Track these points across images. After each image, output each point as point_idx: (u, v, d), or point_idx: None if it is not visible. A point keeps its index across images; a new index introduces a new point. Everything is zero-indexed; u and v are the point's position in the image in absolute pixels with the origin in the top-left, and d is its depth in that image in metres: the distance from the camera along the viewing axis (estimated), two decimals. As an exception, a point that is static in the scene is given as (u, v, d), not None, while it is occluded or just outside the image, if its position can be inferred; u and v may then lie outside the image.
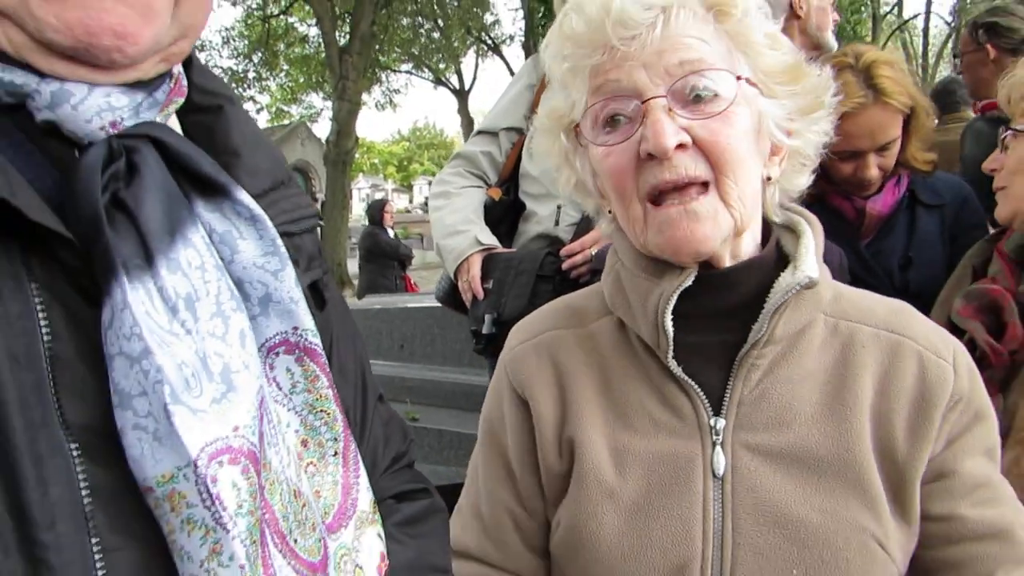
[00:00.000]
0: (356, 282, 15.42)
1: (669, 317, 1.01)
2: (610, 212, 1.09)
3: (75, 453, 0.61)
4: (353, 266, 17.76)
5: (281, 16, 24.92)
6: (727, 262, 1.03)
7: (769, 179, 1.06)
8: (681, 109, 0.95)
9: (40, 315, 0.62)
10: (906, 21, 30.42)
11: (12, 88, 0.65)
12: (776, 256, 1.06)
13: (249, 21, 25.40)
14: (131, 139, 0.69)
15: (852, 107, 1.98)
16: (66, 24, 0.63)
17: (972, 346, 1.60)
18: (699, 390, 1.04)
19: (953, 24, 28.32)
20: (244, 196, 0.75)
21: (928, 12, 29.72)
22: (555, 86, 1.09)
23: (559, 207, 2.36)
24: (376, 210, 10.85)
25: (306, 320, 0.78)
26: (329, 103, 23.08)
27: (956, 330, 1.66)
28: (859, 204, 2.15)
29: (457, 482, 1.29)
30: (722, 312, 1.04)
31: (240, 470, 0.66)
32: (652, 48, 0.95)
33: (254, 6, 24.79)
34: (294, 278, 0.77)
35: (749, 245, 1.05)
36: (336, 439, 0.80)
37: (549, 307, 1.23)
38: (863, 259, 2.12)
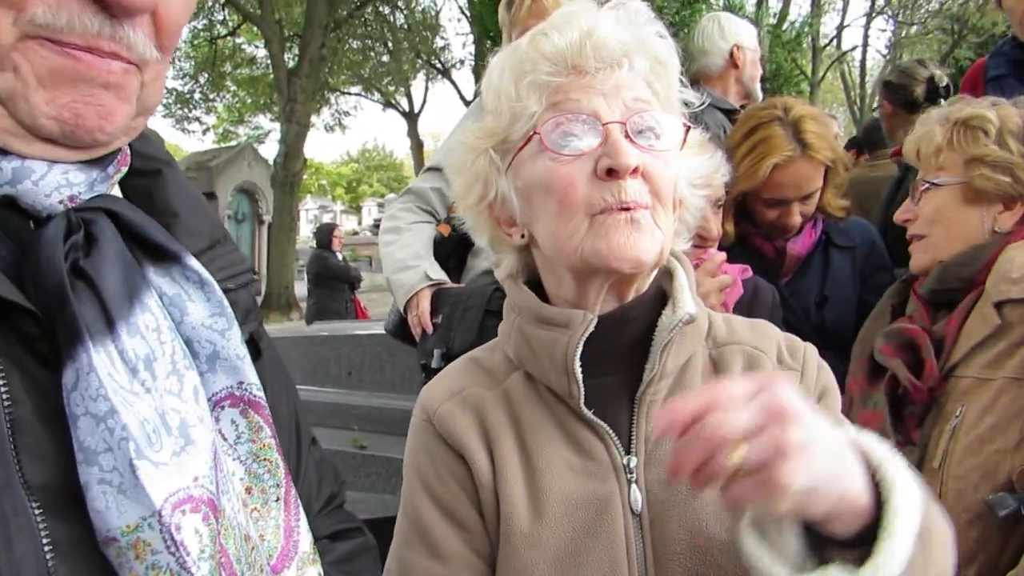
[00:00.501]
0: (303, 305, 15.24)
1: (578, 364, 1.07)
2: (523, 237, 1.13)
3: (37, 511, 0.65)
4: (300, 288, 17.56)
5: (228, 37, 24.74)
6: (630, 296, 1.11)
7: None
8: (633, 139, 1.04)
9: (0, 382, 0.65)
10: (844, 53, 31.46)
11: None
12: (656, 294, 1.14)
13: (196, 42, 25.12)
14: (88, 211, 0.74)
15: (781, 160, 2.11)
16: (57, 108, 0.68)
17: (895, 383, 1.71)
18: (610, 431, 1.09)
19: (888, 56, 29.41)
20: (193, 261, 0.81)
21: (865, 45, 30.86)
22: (498, 102, 1.12)
23: (507, 243, 2.43)
24: (324, 234, 10.80)
25: (250, 375, 0.83)
26: (277, 124, 22.97)
27: (879, 367, 1.77)
28: (779, 245, 2.29)
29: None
30: (619, 352, 1.11)
31: (201, 518, 0.70)
32: (613, 83, 1.05)
33: (200, 27, 24.56)
34: (239, 336, 0.83)
35: (644, 284, 1.13)
36: (278, 485, 0.85)
37: (460, 366, 1.24)
38: (783, 297, 2.25)
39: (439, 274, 2.44)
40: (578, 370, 1.07)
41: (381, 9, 24.35)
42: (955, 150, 1.74)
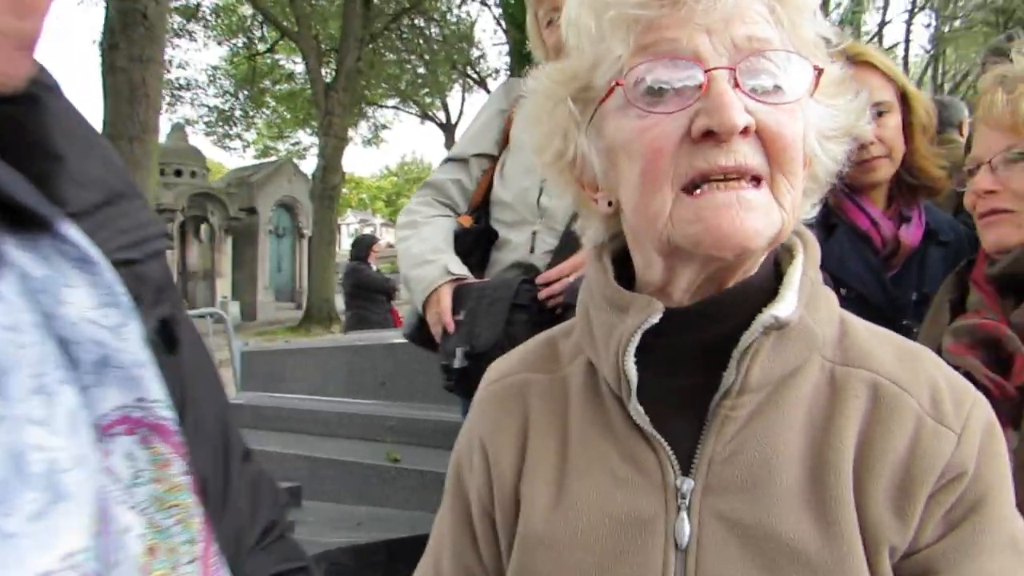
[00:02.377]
0: (344, 317, 15.24)
1: (631, 359, 0.86)
2: (610, 205, 0.92)
3: None
4: (341, 302, 17.60)
5: (267, 54, 25.01)
6: (732, 282, 0.88)
7: None
8: (745, 89, 0.80)
9: None
10: (887, 50, 30.70)
11: None
12: (765, 281, 0.89)
13: (235, 60, 25.47)
14: None
15: None
16: None
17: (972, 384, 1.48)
18: (665, 444, 0.87)
19: (932, 52, 28.68)
20: (71, 231, 0.58)
21: (908, 41, 30.04)
22: (578, 39, 0.90)
23: (534, 233, 2.21)
24: (363, 246, 10.68)
25: (154, 388, 0.60)
26: (316, 139, 23.13)
27: None
28: (886, 231, 2.01)
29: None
30: (700, 351, 0.88)
31: None
32: (719, 15, 0.80)
33: (240, 45, 24.89)
34: (139, 335, 0.60)
35: (754, 266, 0.90)
36: (192, 541, 0.61)
37: (529, 345, 1.08)
38: (889, 293, 1.96)
39: (460, 268, 2.24)
40: (630, 367, 0.86)
41: (416, 22, 24.41)
42: None
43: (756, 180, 0.80)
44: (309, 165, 23.81)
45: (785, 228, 0.83)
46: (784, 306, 0.84)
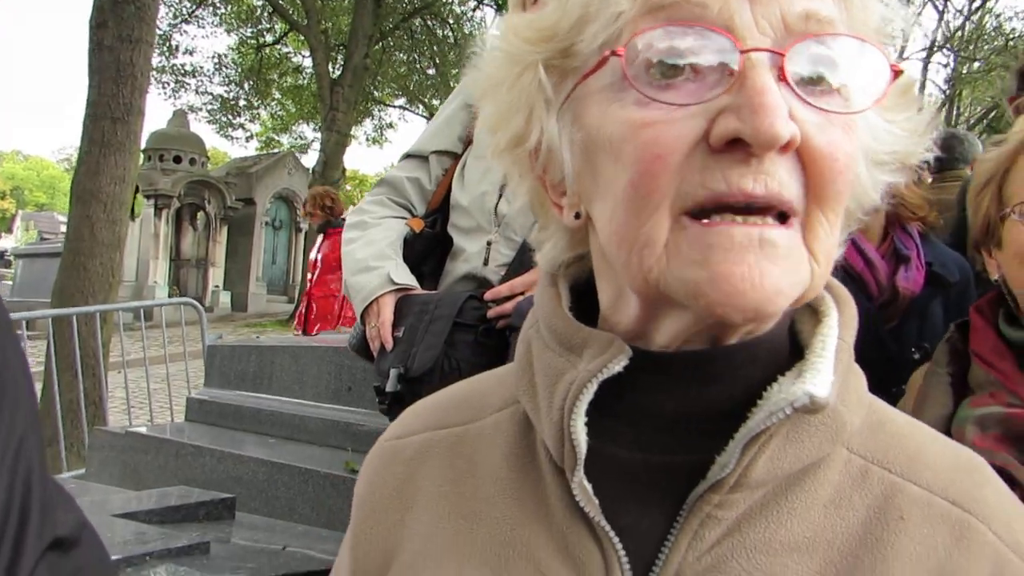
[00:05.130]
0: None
1: (581, 420, 0.63)
2: (577, 217, 0.68)
3: None
4: (331, 299, 17.37)
5: (275, 46, 24.84)
6: (733, 339, 0.65)
7: None
8: (794, 86, 0.58)
9: None
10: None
11: None
12: (781, 340, 0.67)
13: (242, 49, 25.30)
14: None
15: None
16: None
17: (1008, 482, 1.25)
18: (616, 540, 0.64)
19: (948, 93, 28.51)
20: None
21: (924, 80, 29.74)
22: None
23: (489, 243, 2.00)
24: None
25: None
26: (319, 134, 22.95)
27: None
28: (882, 275, 1.75)
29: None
30: (683, 418, 0.65)
31: None
32: None
33: (248, 34, 24.72)
34: None
35: (766, 325, 0.67)
36: None
37: (448, 390, 0.85)
38: (886, 349, 1.70)
39: (405, 277, 2.02)
40: (580, 427, 0.63)
41: (428, 22, 24.26)
42: None
43: (784, 215, 0.58)
44: (311, 160, 23.62)
45: (815, 285, 0.61)
46: (821, 381, 0.60)
